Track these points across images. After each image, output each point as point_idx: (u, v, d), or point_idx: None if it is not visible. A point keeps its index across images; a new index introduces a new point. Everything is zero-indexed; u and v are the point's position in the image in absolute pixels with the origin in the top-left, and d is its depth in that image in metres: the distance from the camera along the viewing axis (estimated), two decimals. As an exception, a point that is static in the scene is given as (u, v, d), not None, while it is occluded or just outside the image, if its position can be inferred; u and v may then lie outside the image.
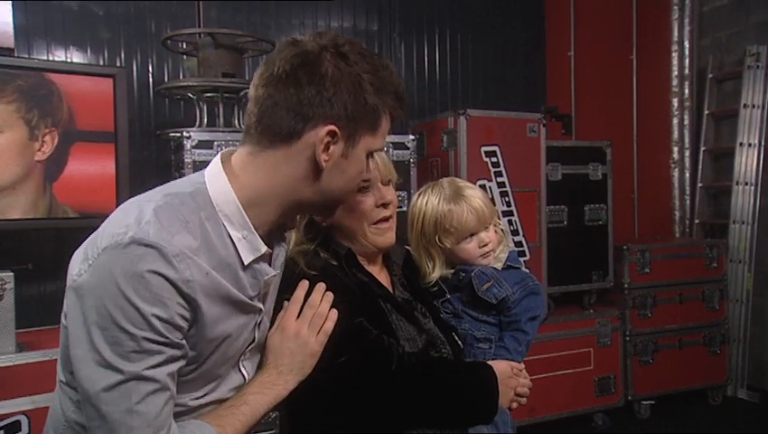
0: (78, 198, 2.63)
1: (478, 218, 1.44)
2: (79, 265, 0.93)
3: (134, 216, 0.93)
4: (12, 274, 2.41)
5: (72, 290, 0.92)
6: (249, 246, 1.03)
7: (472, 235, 1.46)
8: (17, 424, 2.21)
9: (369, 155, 1.10)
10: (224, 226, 1.00)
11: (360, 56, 1.04)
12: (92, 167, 2.65)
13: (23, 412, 2.21)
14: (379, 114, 1.07)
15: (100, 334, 0.88)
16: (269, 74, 1.01)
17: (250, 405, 1.08)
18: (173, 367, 0.94)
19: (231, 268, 1.01)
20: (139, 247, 0.89)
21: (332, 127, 1.01)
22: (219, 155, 1.08)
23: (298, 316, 1.17)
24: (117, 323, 0.88)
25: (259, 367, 1.16)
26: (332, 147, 1.02)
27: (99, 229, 0.96)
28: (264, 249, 1.05)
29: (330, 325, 1.17)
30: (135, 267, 0.88)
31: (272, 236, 1.13)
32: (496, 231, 1.50)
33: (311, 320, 1.16)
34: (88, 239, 0.98)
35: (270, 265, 1.12)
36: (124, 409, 0.89)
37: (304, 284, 1.20)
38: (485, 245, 1.46)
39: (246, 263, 1.02)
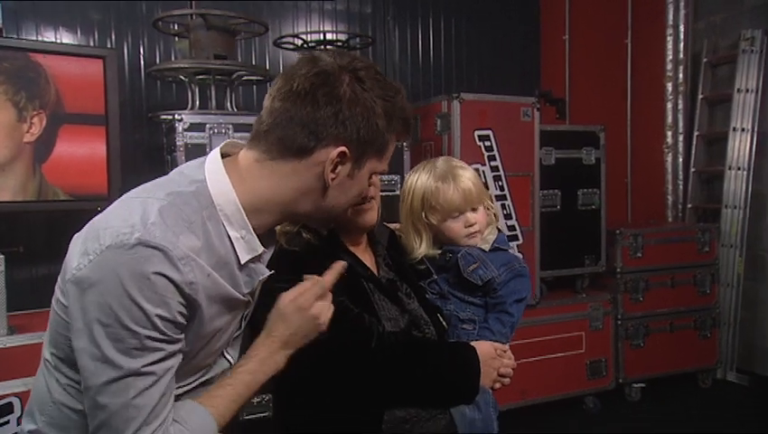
0: (68, 180, 2.61)
1: (465, 198, 1.44)
2: (78, 258, 0.93)
3: (138, 215, 0.94)
4: (2, 257, 2.40)
5: (72, 284, 0.93)
6: (247, 246, 1.05)
7: (458, 214, 1.46)
8: (10, 406, 2.22)
9: (371, 175, 1.13)
10: (223, 225, 1.02)
11: (375, 81, 1.06)
12: (82, 149, 2.63)
13: (15, 394, 2.22)
14: (387, 139, 1.09)
15: (102, 330, 0.90)
16: (288, 89, 1.03)
17: (246, 383, 1.08)
18: (172, 362, 0.96)
19: (228, 267, 1.03)
20: (146, 249, 0.90)
21: (344, 149, 1.03)
22: (217, 150, 1.08)
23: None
24: (121, 321, 0.89)
25: (258, 336, 1.14)
26: (339, 167, 1.05)
27: (99, 221, 0.97)
28: (260, 249, 1.07)
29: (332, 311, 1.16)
30: (141, 268, 0.89)
31: (264, 236, 1.13)
32: (487, 214, 1.50)
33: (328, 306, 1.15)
34: (85, 229, 0.98)
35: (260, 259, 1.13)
36: (122, 402, 0.91)
37: (338, 265, 1.18)
38: (471, 225, 1.46)
39: (242, 262, 1.04)
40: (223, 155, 1.08)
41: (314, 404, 1.24)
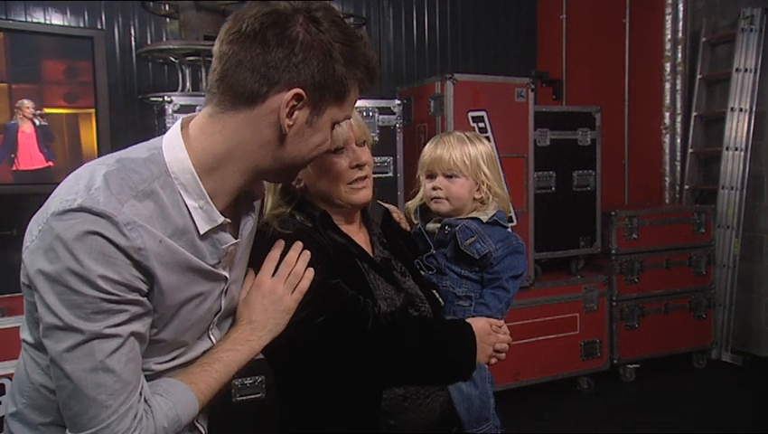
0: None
1: (432, 160, 1.51)
2: (31, 232, 0.92)
3: (84, 182, 0.91)
4: (-8, 239, 2.41)
5: (25, 257, 0.91)
6: (206, 216, 1.00)
7: (430, 176, 1.52)
8: (1, 387, 2.24)
9: (334, 125, 1.08)
10: (180, 194, 0.98)
11: (333, 24, 1.00)
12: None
13: (7, 376, 2.23)
14: (348, 85, 1.03)
15: (56, 298, 0.88)
16: (236, 30, 0.97)
17: (223, 362, 1.08)
18: (139, 324, 0.93)
19: (188, 237, 0.99)
20: (89, 215, 0.87)
21: (299, 91, 0.98)
22: (179, 121, 1.05)
23: (274, 274, 1.17)
24: (71, 286, 0.87)
25: (232, 323, 1.16)
26: (296, 113, 1.00)
27: (52, 194, 0.95)
28: (220, 220, 1.02)
29: (305, 284, 1.17)
30: (83, 231, 0.87)
31: (239, 205, 1.11)
32: (478, 191, 1.51)
33: (287, 278, 1.16)
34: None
35: (238, 234, 1.10)
36: (88, 367, 0.89)
37: (280, 243, 1.20)
38: (435, 189, 1.51)
39: (202, 233, 1.00)
40: (184, 128, 1.04)
41: (314, 386, 1.25)
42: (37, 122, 2.56)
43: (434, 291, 1.43)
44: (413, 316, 1.34)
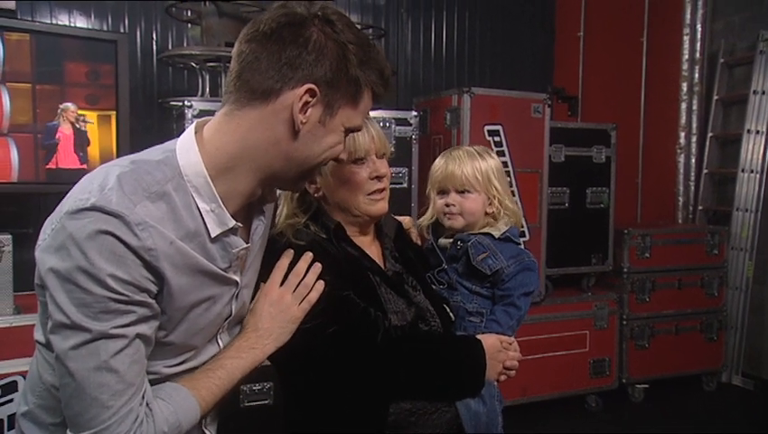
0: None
1: (445, 177, 1.51)
2: (44, 231, 0.94)
3: (98, 182, 0.93)
4: (9, 237, 2.42)
5: (38, 255, 0.93)
6: (217, 219, 1.01)
7: (442, 192, 1.53)
8: (14, 384, 2.25)
9: (348, 131, 1.09)
10: (193, 197, 0.99)
11: (347, 26, 1.03)
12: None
13: (20, 373, 2.24)
14: (361, 87, 1.05)
15: (65, 296, 0.89)
16: (254, 30, 1.01)
17: (227, 369, 1.09)
18: (145, 327, 0.94)
19: (199, 239, 1.00)
20: (101, 214, 0.89)
21: (312, 86, 1.00)
22: (194, 124, 1.06)
23: (282, 283, 1.18)
24: (81, 285, 0.88)
25: (240, 331, 1.16)
26: (309, 110, 1.01)
27: (67, 194, 0.96)
28: (231, 223, 1.03)
29: (314, 296, 1.18)
30: (96, 230, 0.88)
31: (250, 209, 1.12)
32: (490, 205, 1.51)
33: (296, 288, 1.17)
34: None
35: (249, 238, 1.11)
36: (92, 366, 0.89)
37: (289, 252, 1.21)
38: (448, 206, 1.52)
39: (213, 236, 1.01)
40: (198, 131, 1.05)
41: (322, 396, 1.25)
42: (78, 126, 2.61)
43: (445, 306, 1.43)
44: (423, 330, 1.34)
